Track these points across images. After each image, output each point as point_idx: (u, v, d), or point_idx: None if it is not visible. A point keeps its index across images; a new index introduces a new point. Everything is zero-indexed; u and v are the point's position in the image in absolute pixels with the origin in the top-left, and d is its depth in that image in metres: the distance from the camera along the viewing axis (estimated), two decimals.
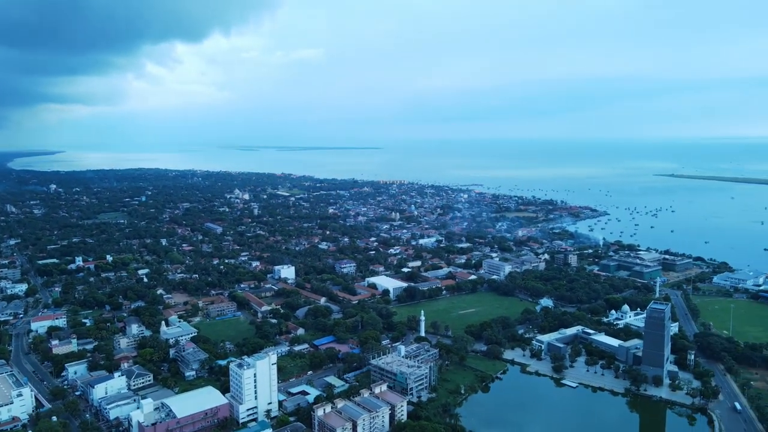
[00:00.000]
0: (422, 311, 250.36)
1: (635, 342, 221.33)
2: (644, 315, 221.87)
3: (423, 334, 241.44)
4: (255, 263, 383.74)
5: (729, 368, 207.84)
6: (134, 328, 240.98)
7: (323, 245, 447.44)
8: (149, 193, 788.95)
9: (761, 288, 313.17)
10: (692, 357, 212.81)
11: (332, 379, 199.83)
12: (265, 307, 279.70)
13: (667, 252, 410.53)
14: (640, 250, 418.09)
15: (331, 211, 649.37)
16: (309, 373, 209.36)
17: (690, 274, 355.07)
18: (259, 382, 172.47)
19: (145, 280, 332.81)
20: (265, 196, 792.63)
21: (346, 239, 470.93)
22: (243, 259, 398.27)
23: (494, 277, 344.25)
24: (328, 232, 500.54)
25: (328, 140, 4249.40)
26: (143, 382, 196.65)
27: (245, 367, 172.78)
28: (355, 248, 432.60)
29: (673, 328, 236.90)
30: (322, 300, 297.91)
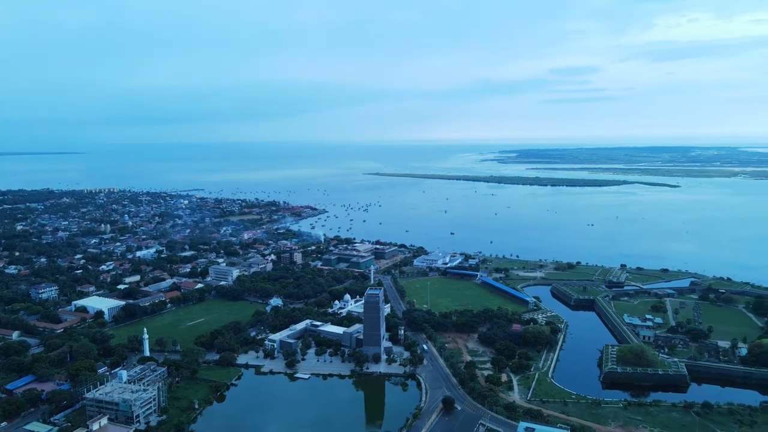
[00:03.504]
0: (145, 329, 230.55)
1: (357, 327, 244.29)
2: (363, 301, 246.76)
3: (148, 353, 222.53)
4: None
5: (429, 336, 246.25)
6: None
7: (11, 269, 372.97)
8: None
9: (448, 266, 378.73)
10: (402, 332, 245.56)
11: (35, 426, 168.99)
12: None
13: (377, 242, 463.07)
14: (356, 243, 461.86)
15: (19, 228, 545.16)
16: (3, 425, 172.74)
17: (397, 260, 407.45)
18: None
19: None
20: None
21: (43, 259, 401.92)
22: None
23: (222, 282, 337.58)
24: (17, 254, 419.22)
25: (12, 145, 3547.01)
26: None
27: None
28: (56, 269, 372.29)
29: (387, 309, 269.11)
30: (15, 334, 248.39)
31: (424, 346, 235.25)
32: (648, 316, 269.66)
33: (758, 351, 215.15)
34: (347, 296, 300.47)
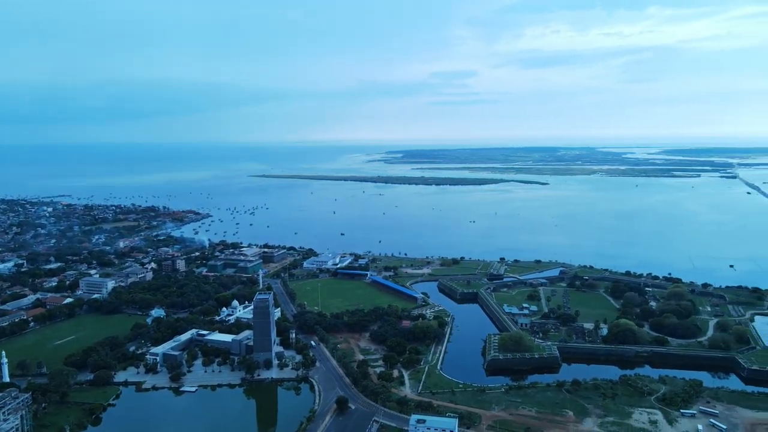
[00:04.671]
0: (3, 352, 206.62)
1: (247, 333, 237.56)
2: (252, 307, 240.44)
3: (7, 379, 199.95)
4: None
5: (321, 338, 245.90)
6: None
7: None
8: None
9: (338, 266, 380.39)
10: (293, 335, 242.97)
11: None
12: None
13: (266, 245, 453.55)
14: (243, 247, 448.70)
15: None
16: None
17: (286, 263, 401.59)
18: None
19: None
20: None
21: None
22: None
23: (96, 296, 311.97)
24: None
25: None
26: None
27: None
28: None
29: (277, 313, 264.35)
30: None
31: (312, 342, 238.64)
32: (525, 305, 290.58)
33: (616, 330, 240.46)
34: (235, 302, 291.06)
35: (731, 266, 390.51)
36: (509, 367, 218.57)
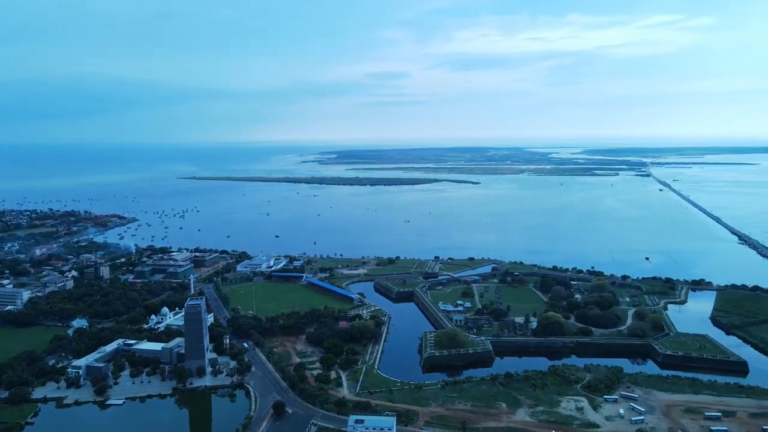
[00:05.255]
0: None
1: (177, 341, 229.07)
2: (183, 313, 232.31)
3: None
4: None
5: (257, 342, 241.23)
6: None
7: None
8: None
9: (273, 269, 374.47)
10: (227, 341, 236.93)
11: None
12: None
13: (197, 249, 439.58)
14: (172, 252, 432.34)
15: None
16: None
17: (218, 267, 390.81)
18: None
19: None
20: None
21: None
22: None
23: (9, 307, 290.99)
24: None
25: None
26: None
27: None
28: None
29: (210, 318, 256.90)
30: None
31: (245, 345, 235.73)
32: (459, 302, 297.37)
33: (545, 323, 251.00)
34: (165, 309, 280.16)
35: (647, 259, 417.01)
36: (445, 363, 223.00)
